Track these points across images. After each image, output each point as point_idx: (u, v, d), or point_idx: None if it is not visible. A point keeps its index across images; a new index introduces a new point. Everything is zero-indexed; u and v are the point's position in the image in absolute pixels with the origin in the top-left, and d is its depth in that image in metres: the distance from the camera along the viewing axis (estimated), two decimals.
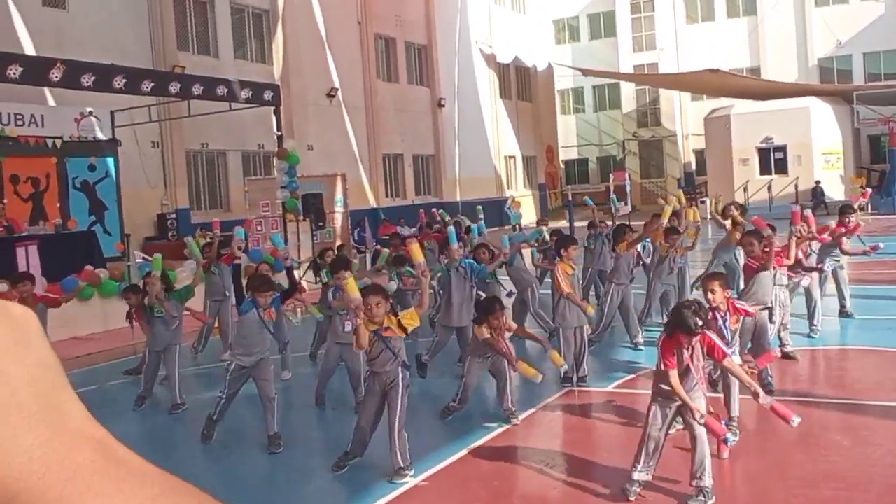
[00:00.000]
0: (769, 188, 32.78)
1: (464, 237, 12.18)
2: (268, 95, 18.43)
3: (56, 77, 13.80)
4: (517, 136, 40.94)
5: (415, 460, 6.23)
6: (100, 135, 18.38)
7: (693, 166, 46.72)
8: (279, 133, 18.98)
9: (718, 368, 6.57)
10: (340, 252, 11.93)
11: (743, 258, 9.17)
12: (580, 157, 51.16)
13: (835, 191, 33.97)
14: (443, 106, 34.91)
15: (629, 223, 12.79)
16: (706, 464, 5.37)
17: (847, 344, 10.24)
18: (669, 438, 5.73)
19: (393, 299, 11.08)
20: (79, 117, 17.73)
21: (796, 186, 33.29)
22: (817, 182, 33.33)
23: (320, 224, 19.53)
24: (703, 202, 35.61)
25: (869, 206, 33.04)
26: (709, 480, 5.35)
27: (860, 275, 14.91)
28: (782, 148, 34.64)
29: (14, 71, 13.09)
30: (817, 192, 33.34)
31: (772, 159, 34.85)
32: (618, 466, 6.15)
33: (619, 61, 47.69)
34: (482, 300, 8.00)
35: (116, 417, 8.77)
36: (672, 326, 5.42)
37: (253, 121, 22.44)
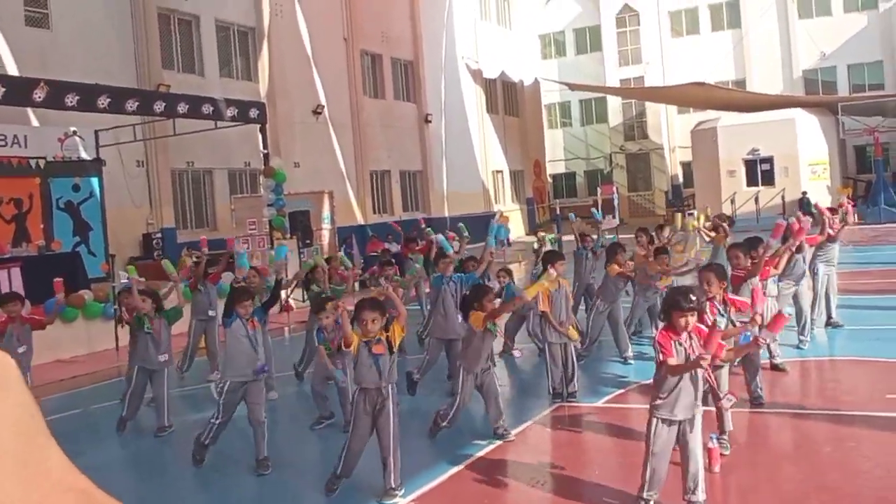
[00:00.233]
0: (756, 200, 32.89)
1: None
2: (253, 113, 18.38)
3: (39, 97, 13.70)
4: (504, 151, 40.99)
5: (404, 480, 6.14)
6: (84, 155, 18.24)
7: (680, 179, 46.88)
8: (265, 151, 18.91)
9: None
10: (331, 263, 11.80)
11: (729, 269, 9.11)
12: (568, 171, 51.26)
13: (822, 201, 34.04)
14: (429, 122, 34.95)
15: (619, 240, 12.70)
16: (699, 479, 5.29)
17: (836, 355, 10.21)
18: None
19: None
20: (62, 137, 17.58)
21: (783, 198, 33.43)
22: (804, 193, 33.42)
23: (307, 242, 19.44)
24: (691, 214, 35.79)
25: (856, 216, 33.23)
26: (702, 496, 5.28)
27: (847, 284, 14.92)
28: (769, 159, 34.76)
29: None
30: (804, 203, 33.43)
31: (758, 171, 34.96)
32: (608, 485, 6.08)
33: (606, 75, 47.90)
34: (468, 293, 7.81)
35: (101, 442, 8.66)
36: (666, 311, 5.33)
37: (239, 139, 22.36)
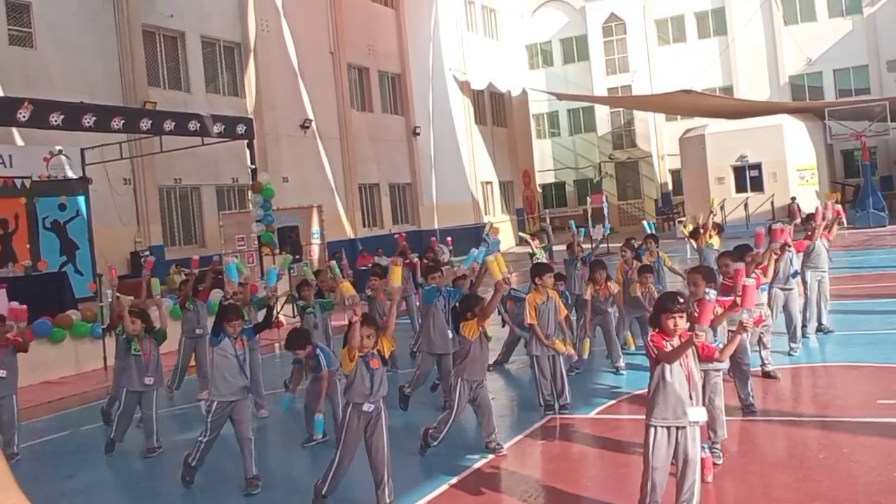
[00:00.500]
0: (745, 206, 32.94)
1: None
2: (241, 129, 18.31)
3: (24, 117, 13.62)
4: (493, 162, 41.00)
5: (397, 496, 6.09)
6: (70, 173, 18.15)
7: (670, 186, 46.97)
8: (253, 166, 18.84)
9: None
10: (319, 276, 11.75)
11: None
12: (557, 181, 51.32)
13: (811, 207, 34.10)
14: (418, 134, 34.96)
15: (602, 259, 12.66)
16: (696, 489, 5.22)
17: (827, 361, 10.18)
18: None
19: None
20: (48, 156, 17.48)
21: (772, 203, 33.50)
22: (793, 198, 33.50)
23: (297, 257, 19.36)
24: (681, 222, 35.82)
25: (844, 221, 33.29)
26: None
27: (838, 290, 14.91)
28: (757, 166, 34.85)
29: None
30: (796, 205, 33.53)
31: (747, 177, 35.03)
32: (602, 498, 6.02)
33: (593, 84, 48.05)
34: (459, 303, 7.77)
35: (90, 464, 8.57)
36: (655, 316, 5.29)
37: (226, 154, 22.30)
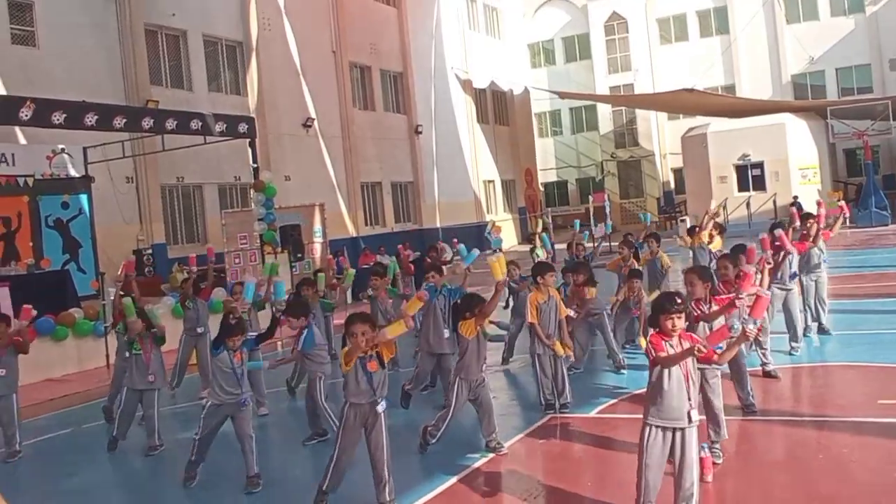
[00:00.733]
0: (748, 205, 32.94)
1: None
2: (243, 128, 18.32)
3: (26, 115, 13.65)
4: (495, 161, 41.03)
5: (397, 494, 6.10)
6: (72, 172, 18.20)
7: (672, 185, 46.98)
8: (255, 165, 18.86)
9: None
10: (318, 274, 11.80)
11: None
12: (559, 180, 51.35)
13: (813, 206, 34.07)
14: (420, 132, 34.98)
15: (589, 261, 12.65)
16: (694, 491, 5.24)
17: (828, 361, 10.16)
18: None
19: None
20: (51, 155, 17.54)
21: (774, 202, 33.49)
22: (795, 197, 33.47)
23: (299, 255, 19.38)
24: (683, 220, 35.82)
25: (847, 220, 33.29)
26: None
27: (839, 289, 14.93)
28: (759, 164, 34.86)
29: None
30: (795, 208, 33.50)
31: (749, 176, 35.04)
32: (602, 497, 6.03)
33: (595, 83, 48.06)
34: (461, 300, 7.74)
35: (93, 462, 8.60)
36: (654, 316, 5.30)
37: (229, 153, 22.34)
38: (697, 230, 13.13)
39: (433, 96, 36.25)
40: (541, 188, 47.72)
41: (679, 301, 5.22)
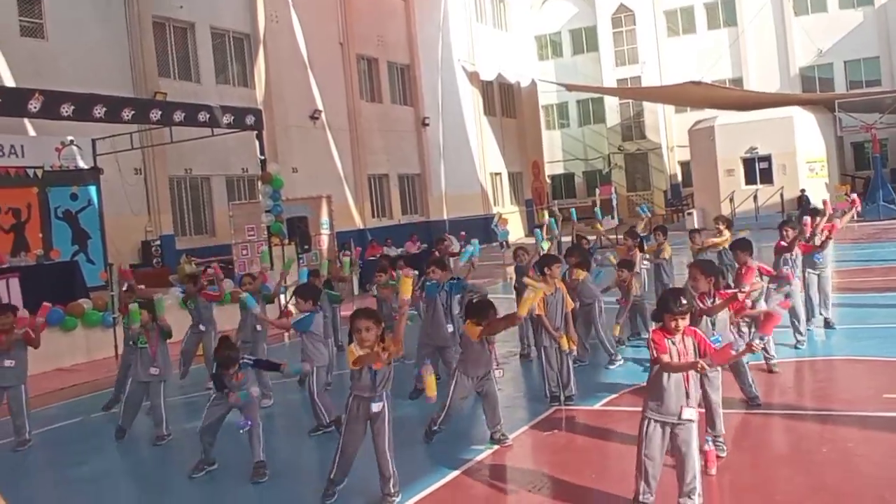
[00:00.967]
0: (755, 198, 32.86)
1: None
2: (250, 120, 18.39)
3: (35, 107, 13.73)
4: (502, 153, 41.02)
5: (401, 486, 6.14)
6: (81, 163, 18.28)
7: (679, 178, 46.91)
8: (263, 157, 18.92)
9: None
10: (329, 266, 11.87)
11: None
12: (566, 172, 51.30)
13: (820, 199, 34.04)
14: (427, 125, 34.98)
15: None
16: (696, 483, 5.29)
17: (833, 355, 10.17)
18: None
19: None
20: (60, 147, 17.62)
21: (782, 196, 33.43)
22: (802, 191, 33.44)
23: (306, 247, 19.42)
24: (690, 214, 35.77)
25: (855, 213, 33.21)
26: (698, 500, 5.27)
27: (846, 283, 14.93)
28: (767, 158, 34.74)
29: None
30: (803, 201, 33.45)
31: (757, 169, 34.94)
32: (606, 489, 6.07)
33: (602, 75, 47.95)
34: (475, 302, 7.71)
35: (101, 451, 8.68)
36: (658, 312, 5.36)
37: (236, 145, 22.40)
38: (696, 234, 13.20)
39: (440, 88, 36.22)
40: (548, 180, 47.70)
41: (684, 302, 5.25)
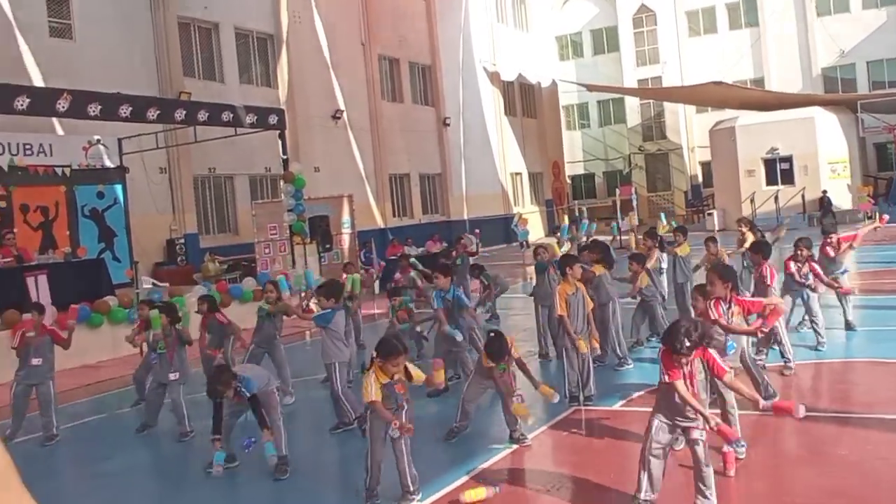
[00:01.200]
0: (776, 199, 32.75)
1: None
2: (273, 119, 18.58)
3: (63, 107, 13.96)
4: (523, 153, 41.07)
5: (421, 484, 6.22)
6: (108, 162, 18.55)
7: (700, 178, 46.77)
8: (285, 156, 19.11)
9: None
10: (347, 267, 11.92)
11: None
12: (586, 173, 51.26)
13: (842, 200, 33.92)
14: (448, 125, 35.08)
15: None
16: (710, 483, 5.35)
17: (854, 357, 10.15)
18: (672, 454, 5.67)
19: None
20: (87, 146, 17.89)
21: (803, 197, 33.30)
22: (824, 192, 33.29)
23: (327, 246, 19.60)
24: (711, 214, 35.69)
25: (877, 215, 32.99)
26: (713, 500, 5.34)
27: (868, 285, 14.89)
28: (788, 158, 34.61)
29: (21, 102, 13.28)
30: (825, 202, 33.28)
31: (778, 170, 34.82)
32: (625, 490, 6.13)
33: (623, 76, 47.86)
34: (490, 336, 7.63)
35: (126, 446, 8.83)
36: (665, 341, 5.35)
37: (259, 144, 22.60)
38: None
39: (461, 89, 36.33)
40: (568, 181, 47.69)
41: (688, 345, 5.12)
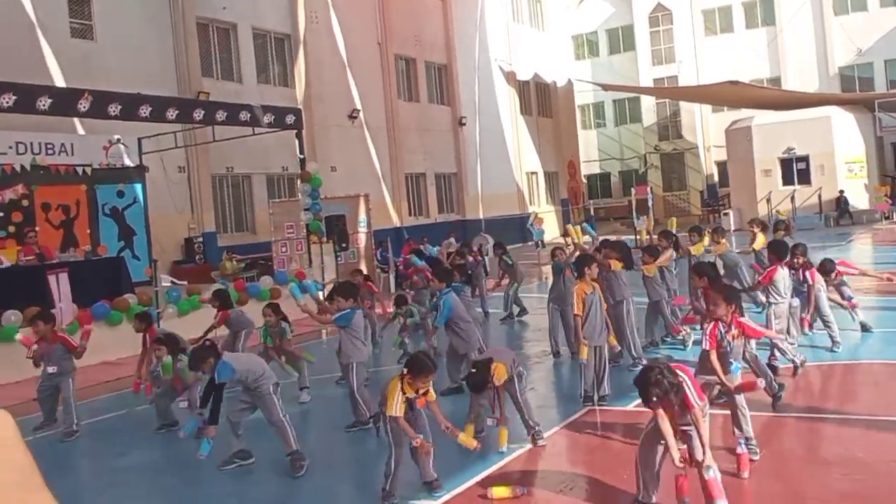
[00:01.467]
0: (792, 199, 32.66)
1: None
2: (290, 119, 18.70)
3: (84, 107, 14.12)
4: (538, 152, 41.08)
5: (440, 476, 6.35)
6: (128, 162, 18.75)
7: (716, 178, 46.64)
8: (302, 156, 19.24)
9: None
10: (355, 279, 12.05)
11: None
12: (602, 172, 51.22)
13: (859, 200, 33.79)
14: (464, 124, 35.15)
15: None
16: (715, 485, 5.38)
17: (871, 358, 10.07)
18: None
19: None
20: (107, 145, 18.10)
21: (820, 196, 33.19)
22: (841, 192, 33.18)
23: (344, 245, 19.73)
24: (727, 214, 35.61)
25: (894, 214, 32.88)
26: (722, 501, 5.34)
27: (884, 286, 14.82)
28: (804, 158, 34.47)
29: (43, 102, 13.44)
30: (841, 202, 33.18)
31: (794, 170, 34.68)
32: (635, 491, 6.21)
33: (639, 75, 47.79)
34: (472, 370, 7.44)
35: (145, 442, 8.96)
36: (637, 386, 5.37)
37: (277, 144, 22.76)
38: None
39: (477, 88, 36.38)
40: (584, 180, 47.66)
41: (654, 399, 5.17)
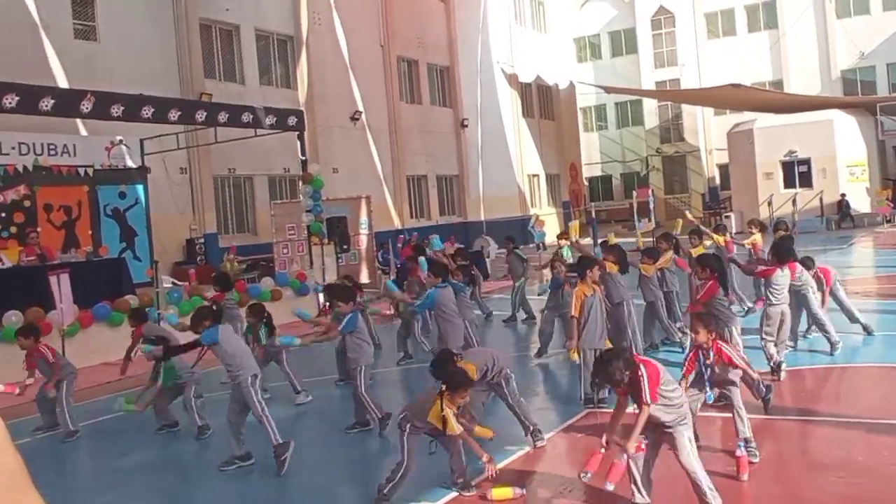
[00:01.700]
0: (794, 202, 32.67)
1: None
2: (292, 121, 18.73)
3: (86, 108, 14.15)
4: (540, 155, 41.10)
5: (432, 486, 6.32)
6: (130, 163, 18.78)
7: (717, 181, 46.62)
8: (304, 157, 19.27)
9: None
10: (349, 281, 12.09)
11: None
12: (604, 174, 51.23)
13: (861, 203, 33.78)
14: (466, 126, 35.18)
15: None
16: (707, 488, 5.34)
17: (871, 362, 10.07)
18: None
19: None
20: (109, 146, 18.13)
21: (821, 200, 33.17)
22: (843, 195, 33.17)
23: (345, 247, 19.75)
24: (728, 217, 35.59)
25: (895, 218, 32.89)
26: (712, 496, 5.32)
27: (885, 289, 14.85)
28: (806, 161, 34.48)
29: (46, 103, 13.47)
30: (843, 205, 33.17)
31: (796, 173, 34.69)
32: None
33: (641, 78, 47.79)
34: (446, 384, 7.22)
35: (144, 442, 8.96)
36: (595, 374, 5.51)
37: (279, 145, 22.79)
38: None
39: (479, 90, 36.41)
40: (585, 182, 47.67)
41: (607, 389, 5.42)
